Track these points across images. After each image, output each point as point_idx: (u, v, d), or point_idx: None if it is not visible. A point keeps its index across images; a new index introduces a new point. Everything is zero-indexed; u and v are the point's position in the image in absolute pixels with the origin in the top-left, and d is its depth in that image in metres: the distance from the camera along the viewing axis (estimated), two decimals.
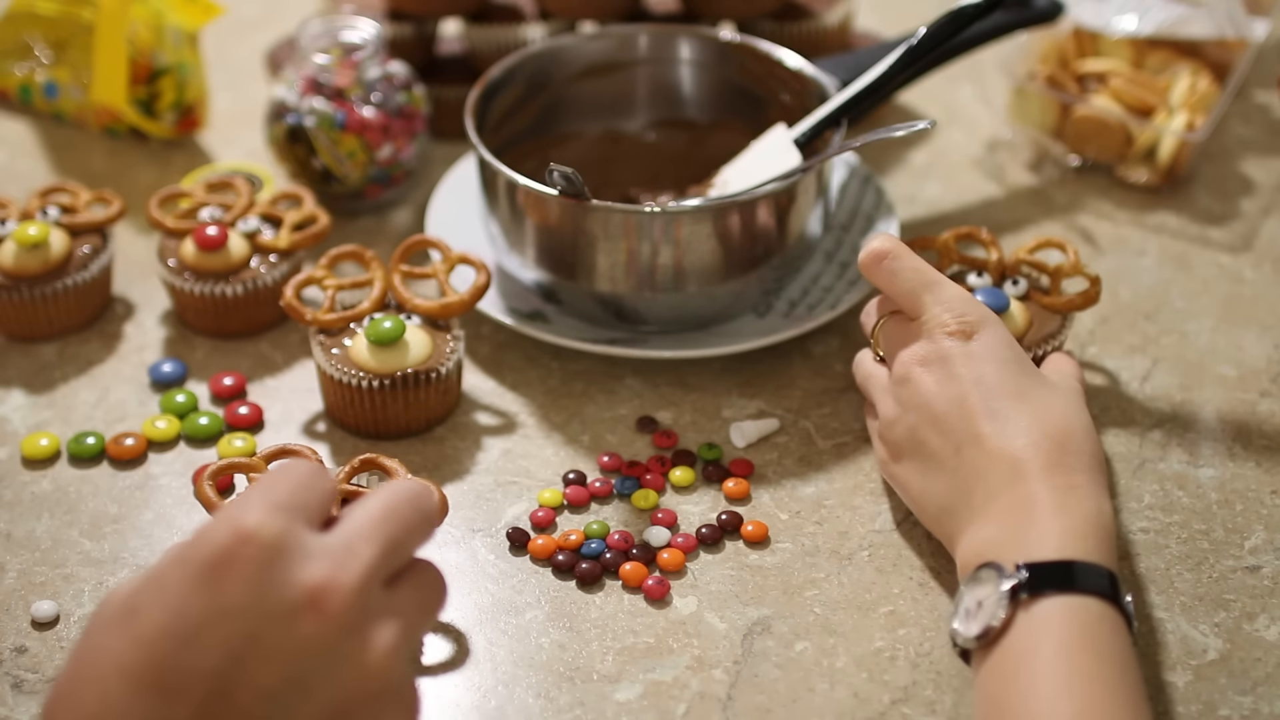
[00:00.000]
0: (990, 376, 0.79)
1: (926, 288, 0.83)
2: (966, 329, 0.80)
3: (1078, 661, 0.68)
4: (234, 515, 0.58)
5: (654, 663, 0.79)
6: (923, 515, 0.82)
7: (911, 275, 0.83)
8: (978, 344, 0.80)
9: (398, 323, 0.90)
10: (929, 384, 0.80)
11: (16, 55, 1.20)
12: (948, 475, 0.79)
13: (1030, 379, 0.80)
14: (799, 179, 0.94)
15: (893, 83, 0.97)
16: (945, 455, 0.79)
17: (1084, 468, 0.76)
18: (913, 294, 0.83)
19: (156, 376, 0.96)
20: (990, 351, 0.80)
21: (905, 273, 0.83)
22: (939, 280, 0.83)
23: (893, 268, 0.84)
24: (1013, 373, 0.79)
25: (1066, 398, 0.80)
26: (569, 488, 0.89)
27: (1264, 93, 1.23)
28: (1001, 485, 0.76)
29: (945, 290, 0.82)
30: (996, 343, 0.80)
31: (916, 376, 0.81)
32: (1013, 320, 0.91)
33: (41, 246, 0.97)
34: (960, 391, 0.79)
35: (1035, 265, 0.94)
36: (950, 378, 0.79)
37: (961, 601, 0.73)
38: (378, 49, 1.06)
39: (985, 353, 0.80)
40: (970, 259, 0.94)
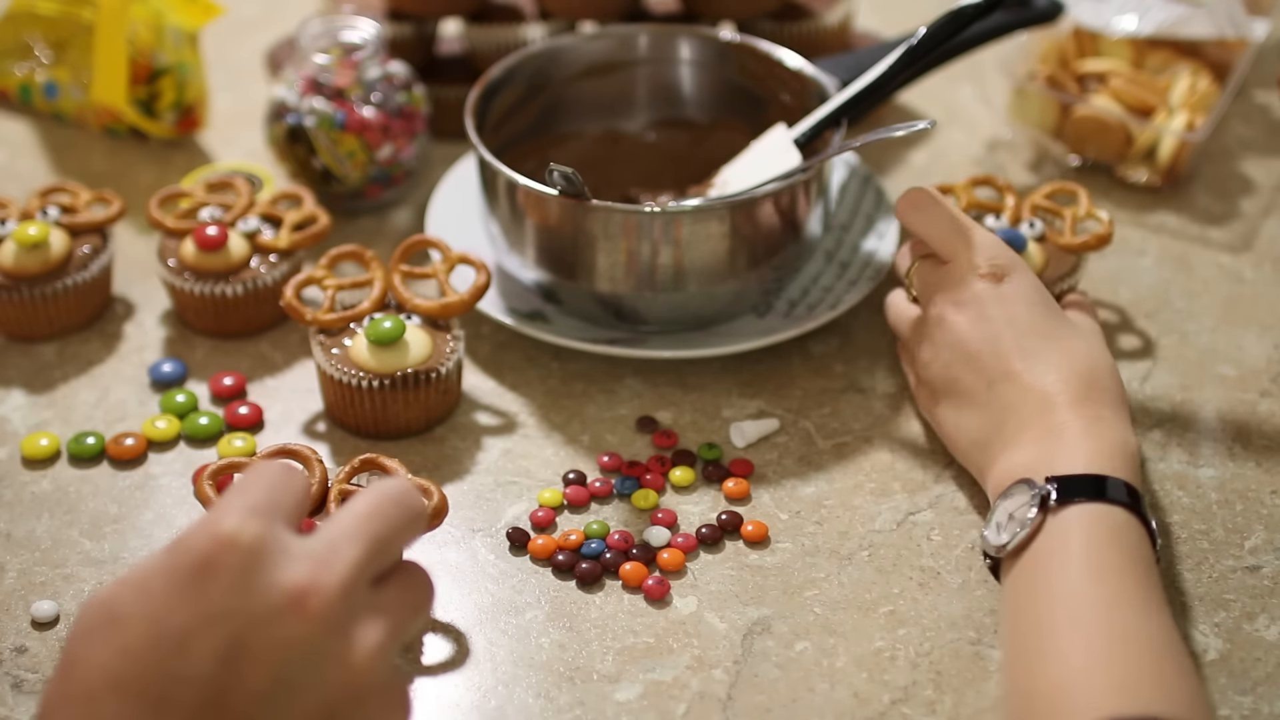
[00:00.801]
0: (1021, 317, 0.83)
1: (959, 233, 0.86)
2: (998, 272, 0.84)
3: (1105, 555, 0.73)
4: (212, 521, 0.58)
5: (654, 663, 0.79)
6: (956, 449, 0.86)
7: (946, 220, 0.87)
8: (1009, 286, 0.84)
9: (398, 323, 0.90)
10: (963, 324, 0.84)
11: (16, 55, 1.20)
12: (981, 410, 0.83)
13: (1057, 321, 0.84)
14: (799, 179, 0.94)
15: (893, 83, 0.97)
16: (978, 391, 0.83)
17: (1110, 402, 0.81)
18: (946, 238, 0.87)
19: (156, 376, 0.96)
20: (1020, 294, 0.84)
21: (940, 218, 0.87)
22: (971, 225, 0.87)
23: (928, 213, 0.87)
24: (1041, 314, 0.84)
25: (1090, 339, 0.85)
26: (569, 488, 0.89)
27: (1264, 93, 1.23)
28: (1033, 416, 0.80)
29: (977, 235, 0.86)
30: (1026, 286, 0.85)
31: (950, 317, 0.85)
32: (1030, 260, 0.96)
33: (41, 246, 0.97)
34: (993, 331, 0.83)
35: (1050, 209, 0.99)
36: (983, 318, 0.84)
37: (993, 515, 0.77)
38: (378, 49, 1.06)
39: (1016, 295, 0.84)
40: (987, 204, 0.99)
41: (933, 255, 0.89)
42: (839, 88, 0.99)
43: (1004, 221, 0.99)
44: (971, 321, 0.84)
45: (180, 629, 0.56)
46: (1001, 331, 0.83)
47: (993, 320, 0.84)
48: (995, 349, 0.83)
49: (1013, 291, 0.84)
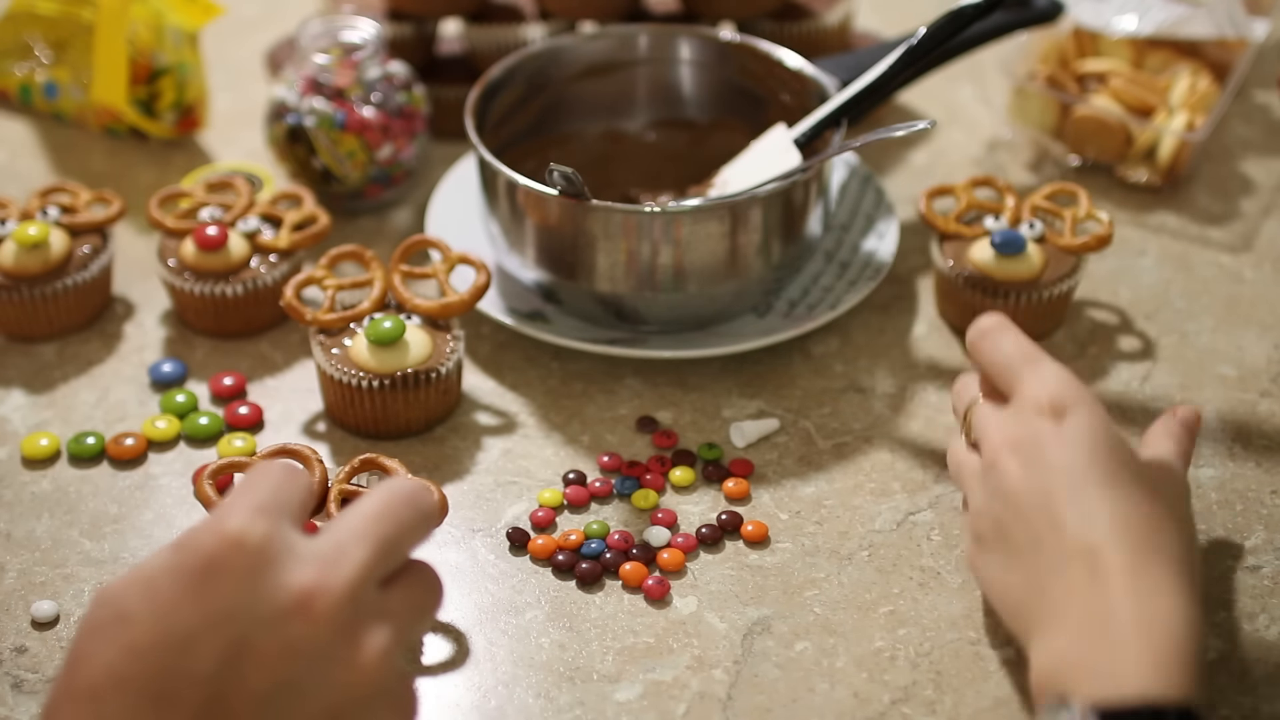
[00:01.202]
0: (1080, 462, 0.73)
1: (1026, 361, 0.77)
2: (1059, 408, 0.74)
3: None
4: (219, 520, 0.58)
5: (654, 663, 0.79)
6: (1002, 611, 0.76)
7: (1013, 348, 0.78)
8: (1070, 426, 0.74)
9: (398, 323, 0.90)
10: (1015, 470, 0.74)
11: (16, 55, 1.20)
12: (1026, 568, 0.73)
13: (1124, 466, 0.73)
14: (799, 179, 0.94)
15: (893, 83, 0.97)
16: (1025, 546, 0.73)
17: (1171, 566, 0.70)
18: (1011, 368, 0.78)
19: (156, 376, 0.96)
20: (1083, 435, 0.73)
21: (1007, 345, 0.78)
22: (1039, 356, 0.78)
23: (996, 339, 0.79)
24: (1104, 458, 0.73)
25: (1161, 487, 0.74)
26: (569, 488, 0.89)
27: (1264, 93, 1.23)
28: (1079, 583, 0.70)
29: (1043, 367, 0.77)
30: (1092, 425, 0.74)
31: (1004, 462, 0.75)
32: (1029, 261, 0.96)
33: (41, 246, 0.97)
34: (1046, 478, 0.73)
35: (1050, 210, 0.99)
36: (1038, 462, 0.74)
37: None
38: (378, 49, 1.06)
39: (1077, 436, 0.73)
40: (987, 204, 0.99)
41: (992, 394, 0.80)
42: (839, 88, 0.99)
43: (1004, 222, 0.99)
44: (1024, 466, 0.74)
45: (186, 628, 0.56)
46: (1055, 479, 0.73)
47: (1048, 465, 0.73)
48: (1046, 497, 0.72)
49: (1074, 432, 0.73)
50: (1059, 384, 0.75)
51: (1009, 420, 0.76)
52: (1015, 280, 0.96)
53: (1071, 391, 0.75)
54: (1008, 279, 0.96)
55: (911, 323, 1.01)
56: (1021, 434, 0.75)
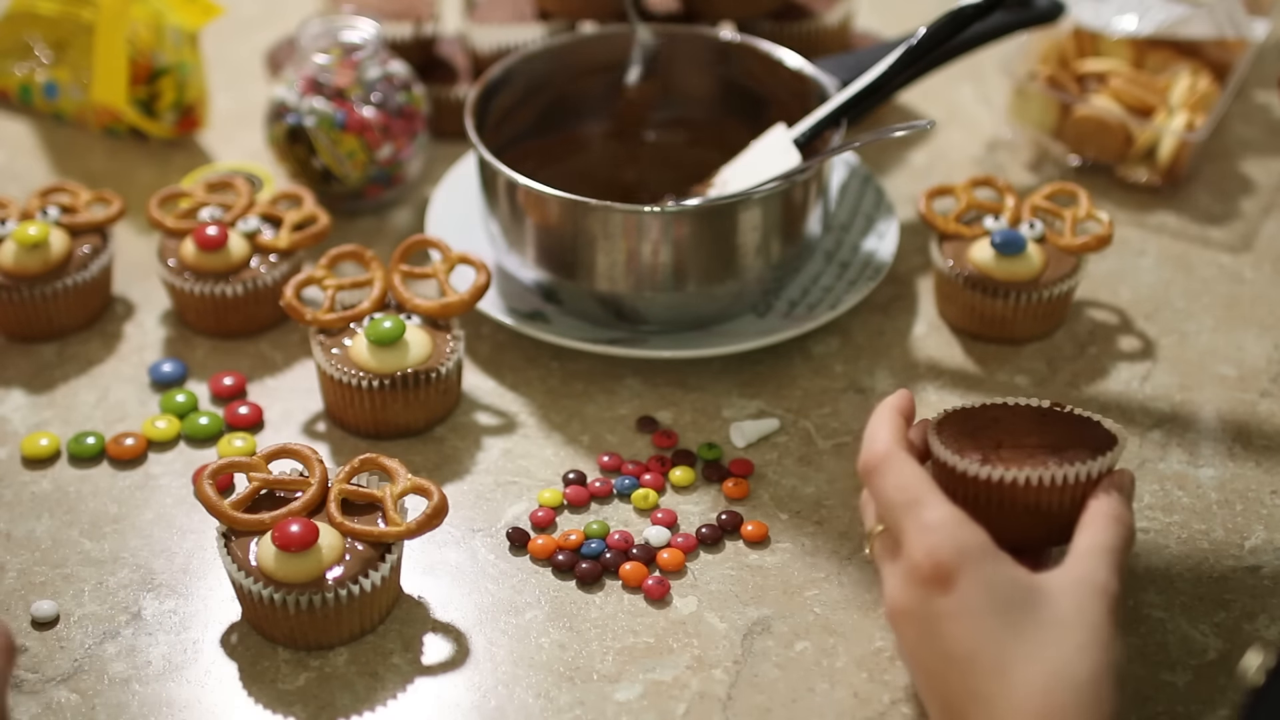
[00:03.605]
0: (969, 644, 0.68)
1: (906, 510, 0.71)
2: (941, 574, 0.69)
3: None
4: None
5: (654, 662, 0.79)
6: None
7: (894, 493, 0.72)
8: (955, 597, 0.68)
9: (398, 323, 0.90)
10: (910, 639, 0.71)
11: (16, 55, 1.20)
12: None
13: (1017, 629, 0.68)
14: (799, 179, 0.94)
15: (893, 83, 0.97)
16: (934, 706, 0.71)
17: None
18: (893, 517, 0.72)
19: (156, 376, 0.96)
20: (969, 605, 0.68)
21: (888, 490, 0.72)
22: (920, 500, 0.71)
23: (878, 483, 0.73)
24: (995, 631, 0.68)
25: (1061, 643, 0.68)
26: (569, 488, 0.89)
27: (1264, 93, 1.23)
28: None
29: (925, 515, 0.70)
30: (977, 590, 0.68)
31: (898, 626, 0.72)
32: (1029, 261, 0.96)
33: (41, 246, 0.97)
34: (940, 660, 0.69)
35: (1050, 210, 0.99)
36: (929, 637, 0.70)
37: None
38: (378, 49, 1.06)
39: (962, 608, 0.68)
40: (987, 204, 0.99)
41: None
42: (839, 88, 0.99)
43: (1004, 222, 0.99)
44: (920, 638, 0.70)
45: None
46: (947, 666, 0.69)
47: (937, 646, 0.69)
48: (943, 688, 0.69)
49: (958, 604, 0.68)
50: (940, 543, 0.69)
51: (899, 583, 0.71)
52: (1015, 280, 0.96)
53: (953, 553, 0.69)
54: (1008, 279, 0.96)
55: (911, 323, 1.01)
56: (912, 606, 0.70)
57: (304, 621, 0.78)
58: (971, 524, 0.70)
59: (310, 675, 0.78)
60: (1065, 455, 0.75)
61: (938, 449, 0.76)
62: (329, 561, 0.78)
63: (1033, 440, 0.76)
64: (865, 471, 0.74)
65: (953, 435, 0.77)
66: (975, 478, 0.74)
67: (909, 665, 0.73)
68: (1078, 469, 0.74)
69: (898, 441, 0.74)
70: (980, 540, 0.70)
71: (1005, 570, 0.69)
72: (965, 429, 0.77)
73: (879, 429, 0.75)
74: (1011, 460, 0.75)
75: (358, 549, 0.79)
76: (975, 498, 0.75)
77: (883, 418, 0.76)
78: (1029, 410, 0.78)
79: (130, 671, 0.79)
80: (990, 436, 0.77)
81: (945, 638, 0.69)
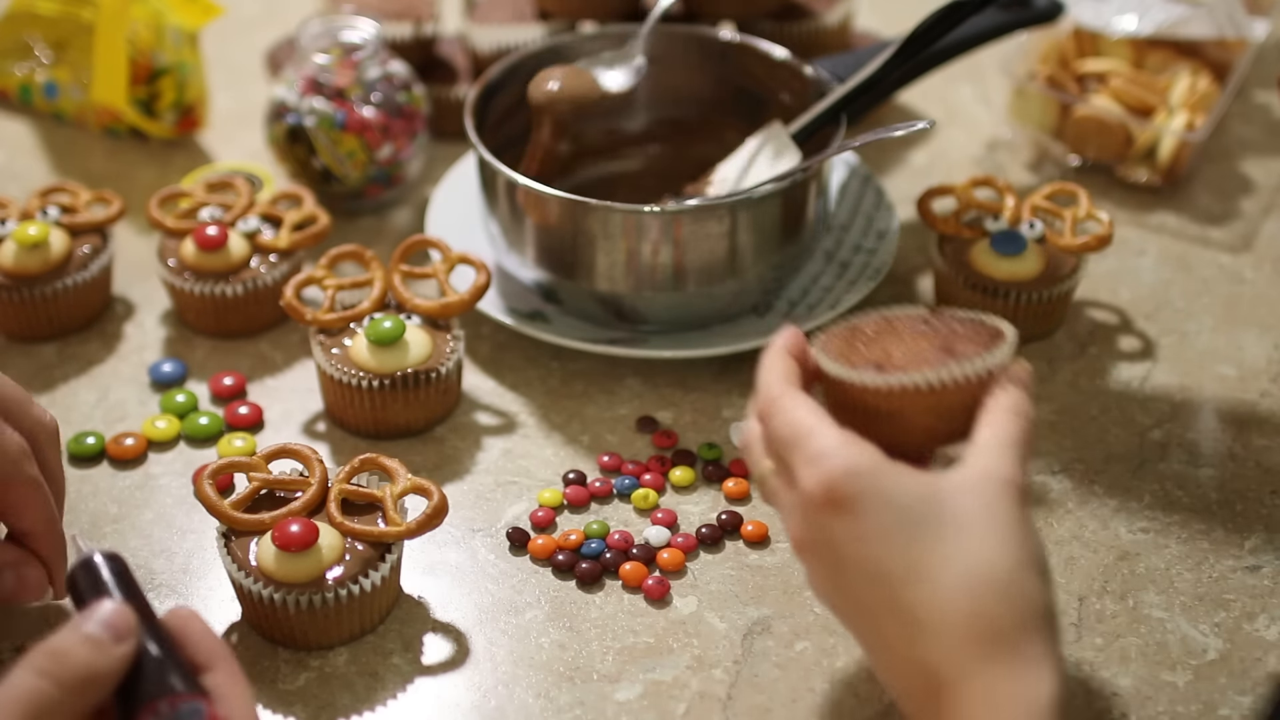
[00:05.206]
0: (881, 562, 0.66)
1: (795, 445, 0.69)
2: (837, 499, 0.67)
3: None
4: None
5: (654, 662, 0.79)
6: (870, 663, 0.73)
7: (783, 430, 0.70)
8: (855, 519, 0.67)
9: (398, 323, 0.90)
10: (822, 571, 0.70)
11: (16, 55, 1.20)
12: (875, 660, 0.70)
13: (928, 538, 0.66)
14: (799, 179, 0.94)
15: (891, 79, 0.97)
16: (866, 645, 0.70)
17: (1011, 639, 0.64)
18: (784, 454, 0.70)
19: (156, 376, 0.96)
20: (872, 524, 0.66)
21: (779, 429, 0.71)
22: (807, 431, 0.69)
23: (770, 426, 0.71)
24: (905, 544, 0.66)
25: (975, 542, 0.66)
26: (569, 488, 0.89)
27: (1264, 93, 1.23)
28: (922, 698, 0.66)
29: (812, 444, 0.68)
30: (876, 508, 0.66)
31: (808, 560, 0.70)
32: (1029, 261, 0.96)
33: (41, 246, 0.97)
34: (854, 587, 0.68)
35: (1050, 210, 0.99)
36: (840, 568, 0.68)
37: None
38: (378, 49, 1.06)
39: (866, 529, 0.66)
40: (987, 204, 0.99)
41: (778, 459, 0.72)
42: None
43: (1004, 222, 0.99)
44: (828, 572, 0.69)
45: None
46: (862, 588, 0.67)
47: (849, 570, 0.67)
48: (862, 611, 0.68)
49: (861, 526, 0.66)
50: (830, 469, 0.67)
51: (797, 517, 0.69)
52: (1015, 280, 0.96)
53: (845, 475, 0.67)
54: (1008, 279, 0.96)
55: None
56: (814, 536, 0.68)
57: (304, 621, 0.78)
58: (861, 443, 0.68)
59: (310, 675, 0.78)
60: (956, 355, 0.72)
61: (830, 366, 0.73)
62: (329, 561, 0.78)
63: (922, 344, 0.73)
64: (760, 418, 0.73)
65: (842, 351, 0.74)
66: (873, 388, 0.71)
67: (825, 600, 0.71)
68: (976, 365, 0.71)
69: (788, 381, 0.72)
70: (872, 458, 0.67)
71: (903, 482, 0.67)
72: (853, 344, 0.74)
73: (768, 373, 0.73)
74: (905, 365, 0.72)
75: (358, 549, 0.79)
76: (874, 409, 0.72)
77: (772, 361, 0.74)
78: (912, 318, 0.75)
79: None
80: (879, 347, 0.73)
81: (855, 560, 0.67)
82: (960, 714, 0.64)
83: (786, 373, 0.73)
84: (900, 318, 0.75)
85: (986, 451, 0.68)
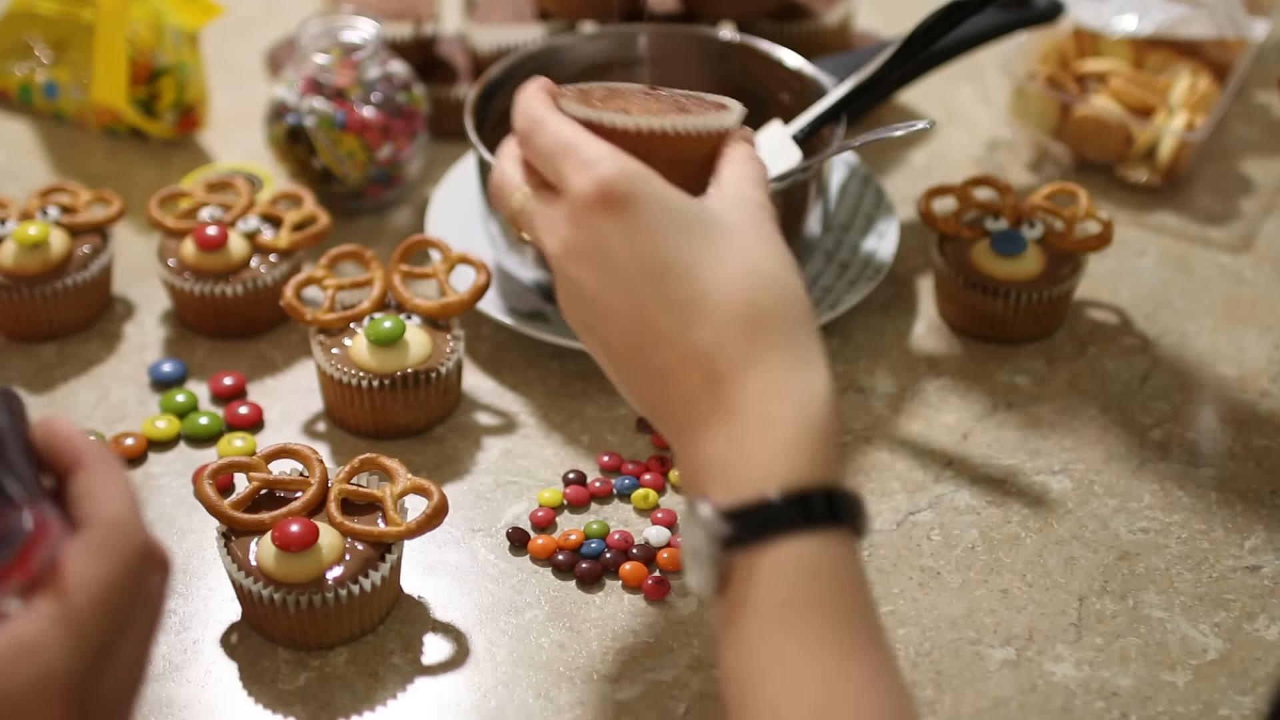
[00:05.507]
0: (655, 255, 0.66)
1: (566, 155, 0.68)
2: (613, 197, 0.66)
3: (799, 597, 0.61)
4: None
5: (654, 662, 0.79)
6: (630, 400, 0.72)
7: (551, 143, 0.69)
8: (632, 215, 0.66)
9: (398, 323, 0.90)
10: (589, 281, 0.68)
11: (16, 55, 1.20)
12: (641, 372, 0.68)
13: (700, 238, 0.67)
14: (799, 178, 0.94)
15: (891, 78, 0.97)
16: (632, 354, 0.68)
17: (786, 342, 0.66)
18: (552, 167, 0.69)
19: (156, 376, 0.96)
20: (648, 220, 0.66)
21: (546, 143, 0.70)
22: (578, 142, 0.68)
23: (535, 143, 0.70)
24: (680, 241, 0.66)
25: (743, 244, 0.67)
26: (569, 488, 0.89)
27: (1264, 93, 1.23)
28: (699, 388, 0.66)
29: (585, 151, 0.68)
30: (652, 206, 0.67)
31: (574, 273, 0.68)
32: (1029, 261, 0.96)
33: (41, 246, 0.97)
34: (626, 285, 0.67)
35: (1050, 210, 0.99)
36: (609, 269, 0.67)
37: (684, 541, 0.65)
38: (378, 49, 1.06)
39: (642, 223, 0.66)
40: (987, 204, 0.99)
41: (542, 185, 0.71)
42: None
43: (1004, 222, 0.99)
44: (597, 275, 0.67)
45: None
46: (636, 284, 0.66)
47: (621, 269, 0.66)
48: (635, 309, 0.67)
49: (636, 221, 0.66)
50: (606, 170, 0.67)
51: (565, 225, 0.68)
52: (1015, 280, 0.96)
53: (621, 176, 0.67)
54: (1008, 279, 0.96)
55: (911, 323, 1.01)
56: (581, 239, 0.68)
57: (304, 621, 0.78)
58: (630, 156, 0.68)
59: (310, 675, 0.78)
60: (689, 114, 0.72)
61: (578, 110, 0.71)
62: (329, 561, 0.78)
63: (654, 106, 0.73)
64: (522, 139, 0.71)
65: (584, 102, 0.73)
66: (620, 130, 0.70)
67: (584, 316, 0.70)
68: (712, 120, 0.71)
69: (549, 107, 0.71)
70: (643, 167, 0.67)
71: (672, 191, 0.68)
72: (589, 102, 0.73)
73: (529, 99, 0.72)
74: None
75: (358, 549, 0.79)
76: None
77: (529, 93, 0.73)
78: (637, 89, 0.75)
79: None
80: (616, 104, 0.73)
81: (628, 258, 0.66)
82: (740, 402, 0.64)
83: (546, 101, 0.72)
84: (625, 88, 0.75)
85: (735, 182, 0.71)
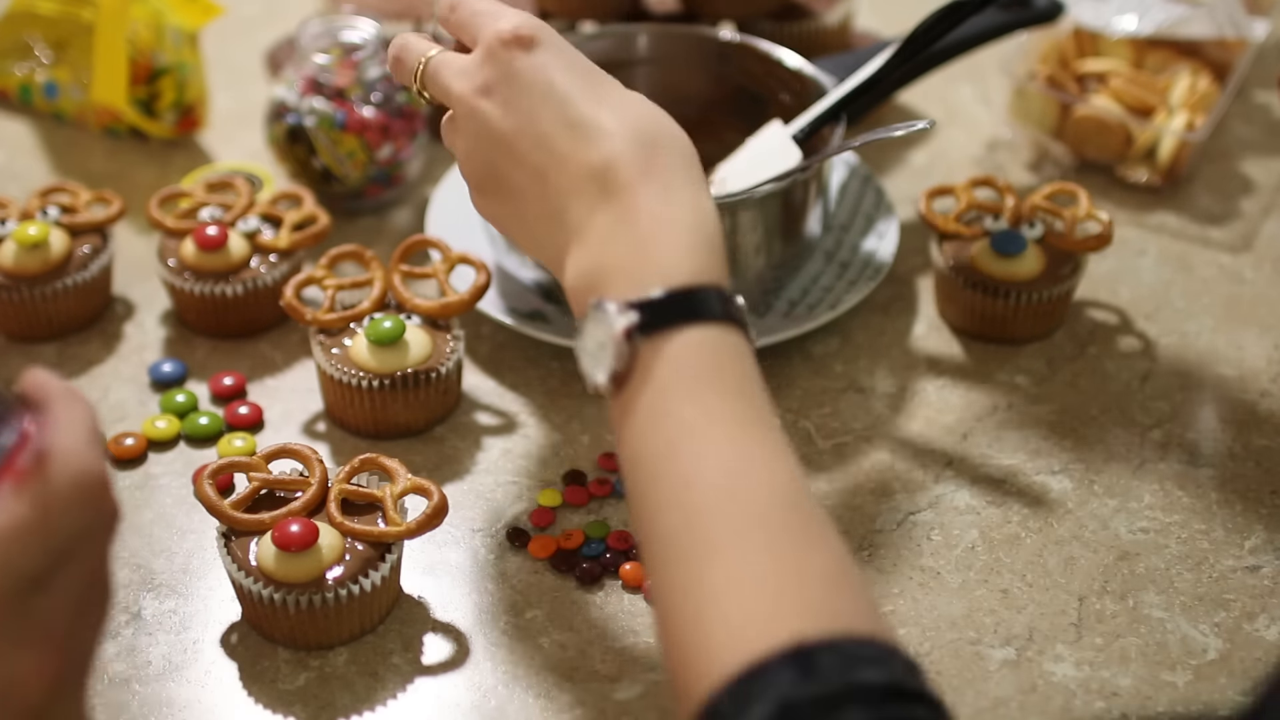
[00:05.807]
0: (560, 85, 0.71)
1: (484, 14, 0.74)
2: (525, 37, 0.72)
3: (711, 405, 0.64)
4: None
5: (654, 662, 0.79)
6: (526, 250, 0.76)
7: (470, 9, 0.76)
8: (541, 54, 0.72)
9: (398, 323, 0.90)
10: (494, 112, 0.73)
11: (16, 55, 1.20)
12: (537, 202, 0.72)
13: (603, 82, 0.73)
14: (798, 178, 0.94)
15: (891, 78, 0.97)
16: (530, 182, 0.72)
17: (679, 165, 0.71)
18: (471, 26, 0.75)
19: (156, 376, 0.96)
20: (555, 59, 0.72)
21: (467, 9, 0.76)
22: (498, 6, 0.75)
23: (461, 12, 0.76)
24: (583, 77, 0.72)
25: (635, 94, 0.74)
26: (569, 487, 0.89)
27: (1264, 93, 1.23)
28: (597, 201, 0.69)
29: (501, 9, 0.74)
30: (560, 49, 0.73)
31: (481, 107, 0.73)
32: (1029, 261, 0.96)
33: (41, 246, 0.97)
34: (531, 110, 0.71)
35: (1050, 210, 0.99)
36: (516, 97, 0.72)
37: (584, 343, 0.67)
38: (378, 49, 1.06)
39: (550, 61, 0.72)
40: (987, 204, 0.99)
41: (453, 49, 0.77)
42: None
43: (1004, 222, 0.99)
44: (503, 105, 0.72)
45: None
46: (539, 109, 0.71)
47: (528, 96, 0.71)
48: (536, 131, 0.71)
49: (545, 59, 0.72)
50: (519, 19, 0.73)
51: (474, 65, 0.74)
52: (1015, 280, 0.96)
53: (532, 26, 0.73)
54: (1008, 279, 0.96)
55: (911, 323, 1.01)
56: (491, 74, 0.73)
57: (304, 621, 0.78)
58: None
59: (310, 675, 0.78)
60: None
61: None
62: (329, 561, 0.78)
63: None
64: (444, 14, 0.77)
65: None
66: None
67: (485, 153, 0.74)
68: None
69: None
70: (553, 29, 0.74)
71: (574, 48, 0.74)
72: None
73: None
74: None
75: (358, 549, 0.79)
76: None
77: None
78: None
79: (130, 671, 0.79)
80: None
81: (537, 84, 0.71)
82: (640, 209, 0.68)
83: None
84: None
85: None
